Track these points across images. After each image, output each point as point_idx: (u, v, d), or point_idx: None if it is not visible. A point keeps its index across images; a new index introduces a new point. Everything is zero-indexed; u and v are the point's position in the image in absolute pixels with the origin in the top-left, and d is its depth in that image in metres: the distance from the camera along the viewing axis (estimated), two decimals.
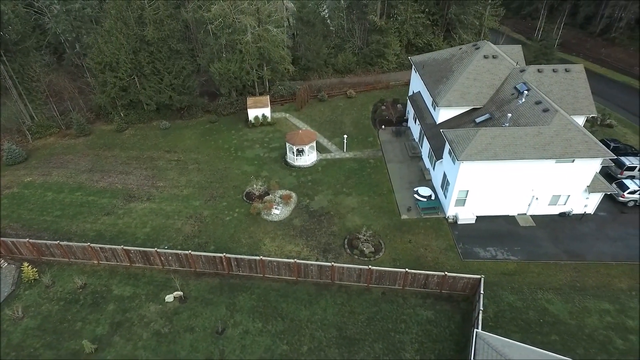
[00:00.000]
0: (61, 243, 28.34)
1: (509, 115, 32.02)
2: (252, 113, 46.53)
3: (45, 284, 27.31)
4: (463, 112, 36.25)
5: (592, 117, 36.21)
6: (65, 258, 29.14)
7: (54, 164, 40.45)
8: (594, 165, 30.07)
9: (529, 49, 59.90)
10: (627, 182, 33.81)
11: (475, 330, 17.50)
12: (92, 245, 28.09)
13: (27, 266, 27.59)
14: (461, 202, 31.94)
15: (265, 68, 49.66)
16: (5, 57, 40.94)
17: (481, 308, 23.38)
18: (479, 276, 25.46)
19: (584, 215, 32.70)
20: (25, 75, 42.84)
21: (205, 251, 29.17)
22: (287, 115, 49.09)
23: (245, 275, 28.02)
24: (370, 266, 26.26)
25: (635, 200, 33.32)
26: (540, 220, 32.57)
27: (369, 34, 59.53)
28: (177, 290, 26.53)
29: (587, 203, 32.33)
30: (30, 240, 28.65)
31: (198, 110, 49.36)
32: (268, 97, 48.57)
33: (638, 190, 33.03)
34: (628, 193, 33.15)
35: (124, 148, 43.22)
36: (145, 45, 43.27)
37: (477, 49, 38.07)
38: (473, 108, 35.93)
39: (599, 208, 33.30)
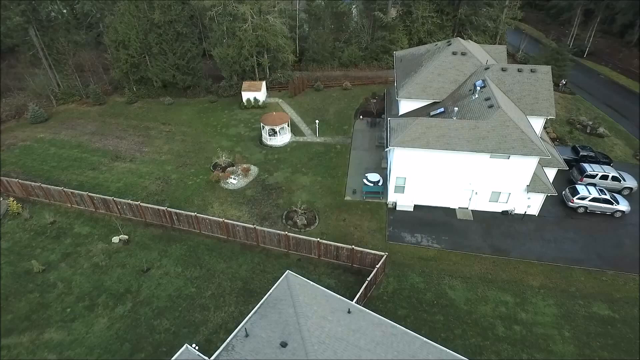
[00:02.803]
0: (42, 185, 33.63)
1: (456, 109, 32.78)
2: (245, 96, 50.14)
3: (24, 217, 32.63)
4: (424, 105, 37.16)
5: (549, 119, 35.45)
6: (46, 199, 34.38)
7: (66, 126, 46.69)
8: (531, 164, 30.07)
9: (541, 53, 58.25)
10: (580, 187, 33.12)
11: (287, 270, 19.69)
12: (65, 189, 33.05)
13: (13, 201, 33.07)
14: (400, 189, 33.17)
15: (265, 55, 53.03)
16: (39, 31, 47.82)
17: (368, 279, 25.04)
18: (383, 253, 26.95)
19: (525, 215, 32.61)
20: (54, 49, 49.65)
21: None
22: (280, 100, 52.13)
23: (185, 230, 31.52)
24: (287, 232, 28.70)
25: (586, 207, 32.57)
26: (481, 215, 32.95)
27: (376, 29, 60.88)
28: (122, 234, 30.64)
29: (529, 203, 32.26)
30: (20, 181, 34.24)
31: (201, 90, 53.86)
32: (263, 82, 51.89)
33: (589, 197, 32.28)
34: (577, 198, 32.50)
35: (127, 117, 48.65)
36: (155, 28, 48.28)
37: (448, 45, 38.66)
38: (434, 102, 36.77)
39: (547, 211, 33.08)
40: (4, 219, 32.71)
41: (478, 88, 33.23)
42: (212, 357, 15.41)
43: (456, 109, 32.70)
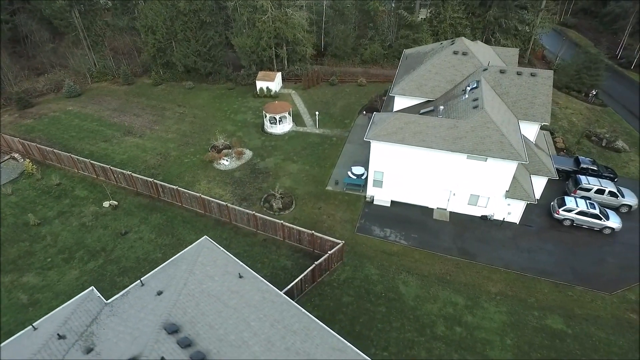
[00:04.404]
0: (55, 151, 37.31)
1: (441, 107, 32.40)
2: (259, 85, 51.92)
3: (37, 177, 36.43)
4: (418, 103, 36.77)
5: (560, 129, 33.84)
6: (58, 163, 38.08)
7: (94, 101, 50.98)
8: (509, 169, 29.08)
9: (575, 60, 54.84)
10: (567, 199, 31.44)
11: (205, 236, 21.04)
12: (72, 155, 36.50)
13: (29, 162, 37.04)
14: (378, 183, 33.25)
15: (284, 47, 54.55)
16: (80, 14, 52.60)
17: (316, 262, 25.66)
18: (340, 241, 27.40)
19: (504, 222, 31.52)
20: (93, 31, 54.27)
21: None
22: (293, 92, 53.39)
23: (168, 202, 33.72)
24: (255, 212, 29.94)
25: (572, 220, 30.89)
26: (458, 218, 32.31)
27: (400, 28, 60.33)
28: (112, 200, 33.40)
29: (510, 210, 31.18)
30: (38, 145, 38.21)
31: (221, 77, 56.33)
32: (278, 73, 53.42)
33: (575, 209, 30.58)
34: (563, 210, 30.90)
35: (149, 98, 52.15)
36: (181, 15, 51.30)
37: (452, 44, 37.94)
38: (428, 100, 36.32)
39: (531, 221, 31.87)
40: (19, 177, 36.75)
41: (468, 88, 32.54)
42: (109, 300, 17.03)
43: (442, 107, 32.28)
